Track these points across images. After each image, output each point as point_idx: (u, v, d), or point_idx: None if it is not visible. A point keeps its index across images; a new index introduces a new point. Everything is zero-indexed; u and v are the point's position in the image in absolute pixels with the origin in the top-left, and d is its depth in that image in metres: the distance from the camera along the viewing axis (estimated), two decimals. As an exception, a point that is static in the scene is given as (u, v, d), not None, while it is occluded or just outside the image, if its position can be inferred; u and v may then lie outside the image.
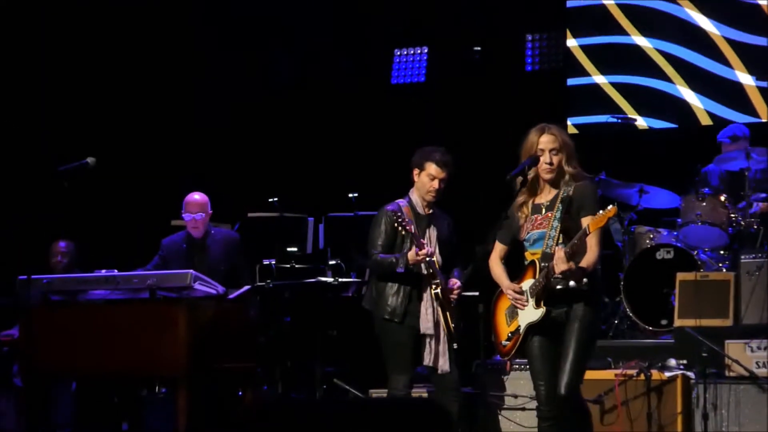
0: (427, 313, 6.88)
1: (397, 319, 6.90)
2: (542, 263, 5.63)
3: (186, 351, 6.63)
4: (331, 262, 8.88)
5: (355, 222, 8.66)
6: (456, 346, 6.89)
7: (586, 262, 5.60)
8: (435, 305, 6.89)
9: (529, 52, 10.83)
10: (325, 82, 11.14)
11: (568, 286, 5.62)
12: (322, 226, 9.18)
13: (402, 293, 6.91)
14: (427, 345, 6.89)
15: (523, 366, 7.61)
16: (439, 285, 6.87)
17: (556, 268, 5.51)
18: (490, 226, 5.93)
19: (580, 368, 5.65)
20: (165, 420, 7.68)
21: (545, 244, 5.64)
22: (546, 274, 5.59)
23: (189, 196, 7.85)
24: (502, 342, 5.86)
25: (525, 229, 5.74)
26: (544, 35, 10.81)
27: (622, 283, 8.63)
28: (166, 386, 8.03)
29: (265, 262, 8.81)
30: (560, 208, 5.63)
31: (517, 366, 7.68)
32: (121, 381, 7.64)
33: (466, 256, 6.92)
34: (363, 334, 7.31)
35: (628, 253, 8.90)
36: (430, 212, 7.06)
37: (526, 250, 5.76)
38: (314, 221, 9.22)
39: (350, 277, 8.73)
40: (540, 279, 5.63)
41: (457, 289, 6.95)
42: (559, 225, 5.61)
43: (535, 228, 5.71)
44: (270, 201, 8.99)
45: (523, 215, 5.75)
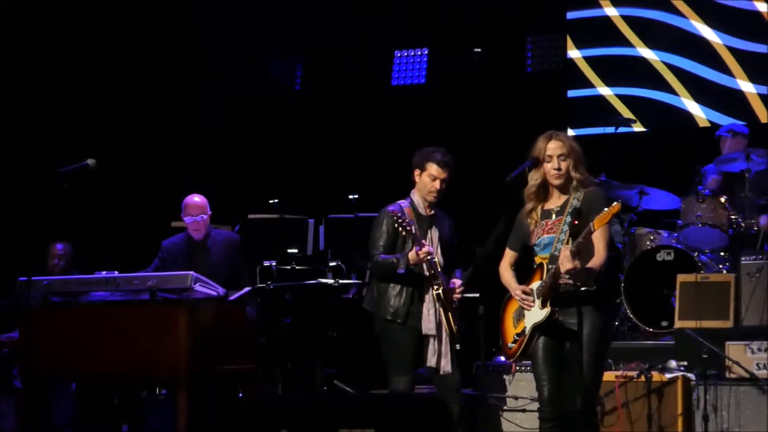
0: (429, 314, 6.87)
1: (399, 319, 6.89)
2: (549, 265, 5.68)
3: (186, 352, 6.63)
4: (332, 263, 8.89)
5: (355, 223, 8.67)
6: (458, 347, 6.89)
7: (593, 263, 5.63)
8: (437, 306, 6.89)
9: (529, 54, 10.83)
10: (325, 83, 11.13)
11: (575, 287, 5.62)
12: (322, 228, 9.18)
13: (404, 294, 6.90)
14: (430, 346, 6.88)
15: (524, 367, 7.61)
16: (441, 286, 6.87)
17: (562, 267, 5.54)
18: (490, 227, 5.94)
19: (595, 384, 5.73)
20: (165, 421, 7.66)
21: (554, 247, 5.70)
22: (553, 275, 5.63)
23: (188, 199, 7.81)
24: (508, 344, 5.90)
25: (535, 234, 5.80)
26: (545, 36, 10.81)
27: (622, 284, 8.63)
28: (166, 387, 8.01)
29: (265, 264, 8.82)
30: (569, 216, 5.67)
31: (518, 367, 7.68)
32: (122, 382, 7.64)
33: (467, 257, 6.91)
34: (363, 335, 7.31)
35: (628, 254, 8.90)
36: (431, 213, 7.05)
37: (536, 255, 5.82)
38: (314, 223, 9.22)
39: (350, 279, 8.74)
40: (546, 279, 5.68)
41: (459, 290, 6.95)
42: (569, 230, 5.64)
43: (545, 233, 5.78)
44: (270, 202, 8.99)
45: (533, 221, 5.82)
